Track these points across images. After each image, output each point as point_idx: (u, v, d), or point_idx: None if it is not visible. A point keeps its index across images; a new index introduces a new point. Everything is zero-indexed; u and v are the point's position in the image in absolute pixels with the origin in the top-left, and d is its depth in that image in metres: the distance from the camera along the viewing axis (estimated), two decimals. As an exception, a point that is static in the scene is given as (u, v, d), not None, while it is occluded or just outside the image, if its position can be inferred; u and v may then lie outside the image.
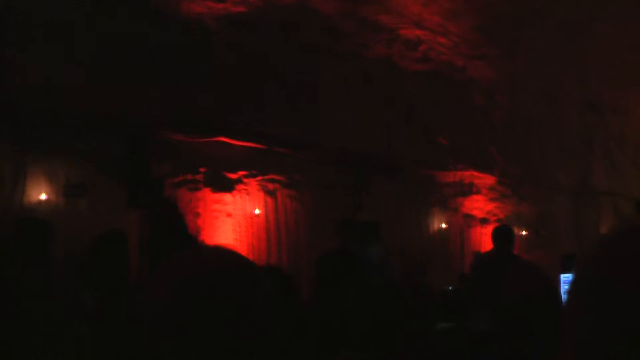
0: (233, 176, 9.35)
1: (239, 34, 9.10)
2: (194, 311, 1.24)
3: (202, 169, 9.06)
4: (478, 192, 12.44)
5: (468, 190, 12.33)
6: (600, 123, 14.05)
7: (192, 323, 1.23)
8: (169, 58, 8.38)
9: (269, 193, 9.71)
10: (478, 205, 12.44)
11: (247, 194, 9.47)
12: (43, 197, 7.81)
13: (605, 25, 11.19)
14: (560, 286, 6.50)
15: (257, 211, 9.53)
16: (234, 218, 9.30)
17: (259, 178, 9.60)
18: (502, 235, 7.75)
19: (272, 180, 9.73)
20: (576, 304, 0.98)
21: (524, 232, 12.17)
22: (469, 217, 12.33)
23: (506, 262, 6.55)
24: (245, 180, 9.46)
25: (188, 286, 1.27)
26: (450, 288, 8.54)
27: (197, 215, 9.01)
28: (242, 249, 9.21)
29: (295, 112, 9.49)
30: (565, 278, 7.59)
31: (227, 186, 9.28)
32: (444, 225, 11.88)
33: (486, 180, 12.45)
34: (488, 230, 11.90)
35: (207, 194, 9.09)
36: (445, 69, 11.61)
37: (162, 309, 1.27)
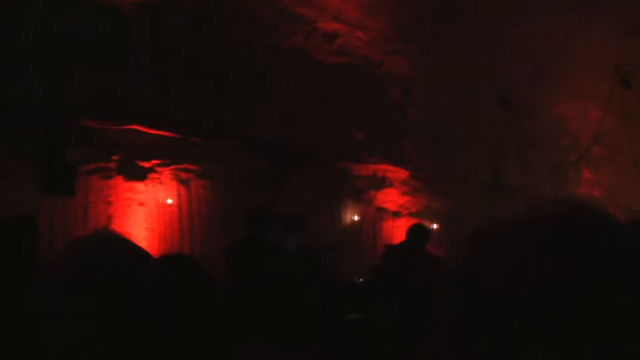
0: (146, 165, 9.23)
1: (155, 21, 9.00)
2: (81, 301, 1.23)
3: (114, 157, 8.91)
4: (391, 186, 12.57)
5: (381, 183, 12.46)
6: (514, 122, 14.34)
7: (80, 313, 1.22)
8: (83, 42, 8.23)
9: (182, 182, 9.62)
10: (391, 198, 12.57)
11: (160, 183, 9.36)
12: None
13: (521, 24, 11.48)
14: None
15: (169, 200, 9.44)
16: (146, 207, 9.18)
17: (173, 167, 9.50)
18: (416, 232, 7.95)
19: (185, 170, 9.64)
20: (445, 295, 1.00)
21: (435, 227, 12.36)
22: (381, 210, 12.46)
23: (414, 256, 6.69)
24: (159, 169, 9.35)
25: (77, 276, 1.26)
26: (361, 280, 8.63)
27: (109, 203, 8.87)
28: (154, 238, 9.12)
29: (210, 102, 9.43)
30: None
31: (140, 175, 9.16)
32: (356, 218, 11.98)
33: (399, 174, 12.60)
34: (400, 223, 12.09)
35: (119, 182, 8.94)
36: (362, 63, 11.69)
37: (54, 298, 1.26)
